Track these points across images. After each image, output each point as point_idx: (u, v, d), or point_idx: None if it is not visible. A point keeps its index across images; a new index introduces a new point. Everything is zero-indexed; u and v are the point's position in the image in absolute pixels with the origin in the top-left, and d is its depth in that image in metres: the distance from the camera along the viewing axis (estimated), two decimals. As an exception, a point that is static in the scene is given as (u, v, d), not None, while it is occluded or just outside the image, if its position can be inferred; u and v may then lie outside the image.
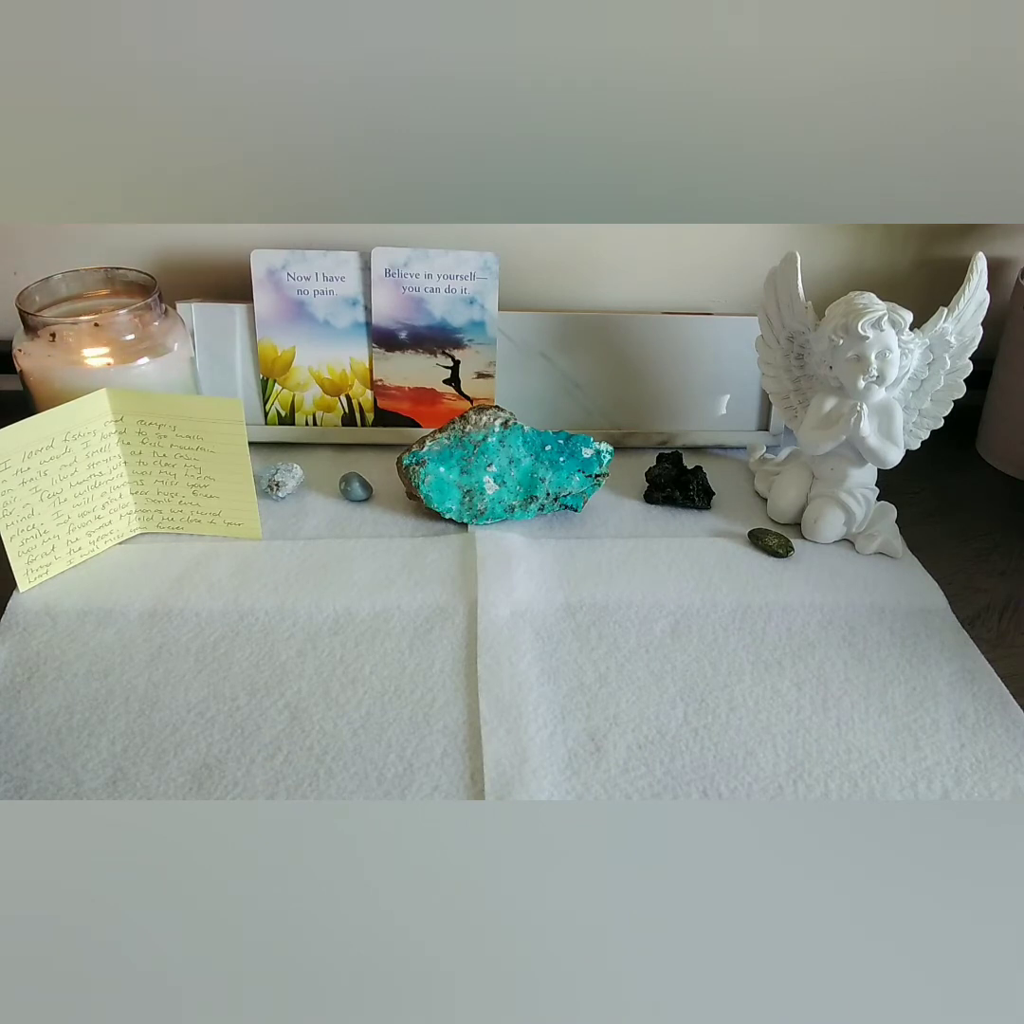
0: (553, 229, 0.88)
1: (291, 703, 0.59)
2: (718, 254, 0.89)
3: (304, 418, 0.84)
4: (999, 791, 0.54)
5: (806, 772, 0.55)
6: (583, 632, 0.65)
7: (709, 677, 0.61)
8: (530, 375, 0.84)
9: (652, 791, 0.54)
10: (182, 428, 0.68)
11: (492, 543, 0.72)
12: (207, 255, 0.88)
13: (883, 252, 0.90)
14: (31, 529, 0.65)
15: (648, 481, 0.79)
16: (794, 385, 0.76)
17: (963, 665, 0.63)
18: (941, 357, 0.70)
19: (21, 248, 0.88)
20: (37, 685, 0.59)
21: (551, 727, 0.57)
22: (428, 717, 0.58)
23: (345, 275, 0.80)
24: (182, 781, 0.54)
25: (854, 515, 0.73)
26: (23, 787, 0.53)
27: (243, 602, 0.66)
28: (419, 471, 0.72)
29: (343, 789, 0.53)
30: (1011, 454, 0.85)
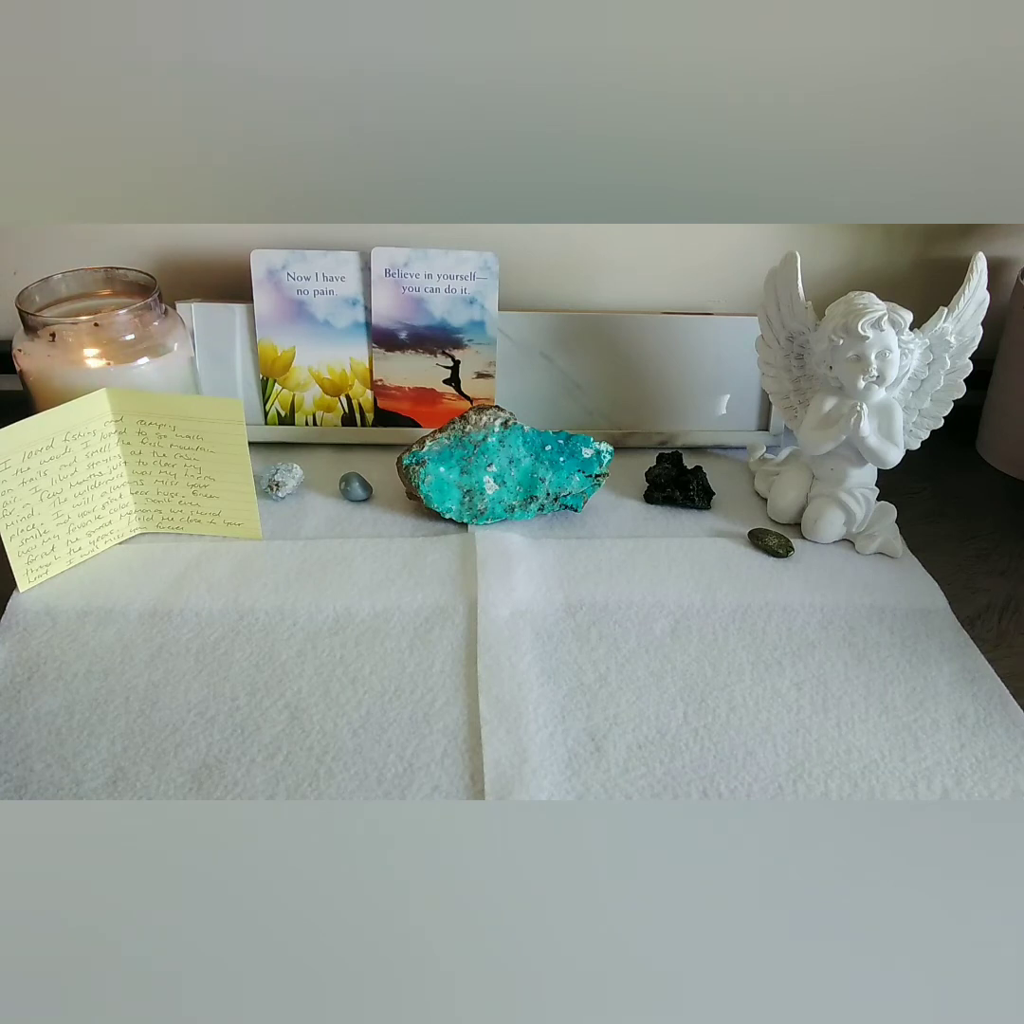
0: (553, 229, 0.88)
1: (291, 703, 0.59)
2: (718, 254, 0.89)
3: (304, 418, 0.84)
4: (999, 791, 0.54)
5: (806, 772, 0.55)
6: (583, 632, 0.65)
7: (709, 677, 0.61)
8: (530, 375, 0.84)
9: (652, 791, 0.54)
10: (182, 428, 0.68)
11: (492, 543, 0.72)
12: (207, 255, 0.88)
13: (883, 252, 0.90)
14: (31, 529, 0.65)
15: (648, 481, 0.79)
16: (794, 385, 0.76)
17: (963, 665, 0.63)
18: (941, 357, 0.70)
19: (21, 248, 0.88)
20: (37, 685, 0.59)
21: (551, 727, 0.57)
22: (428, 717, 0.58)
23: (345, 275, 0.80)
24: (182, 781, 0.54)
25: (854, 515, 0.73)
26: (23, 787, 0.53)
27: (243, 602, 0.66)
28: (419, 471, 0.72)
29: (343, 789, 0.53)
30: (1011, 454, 0.85)
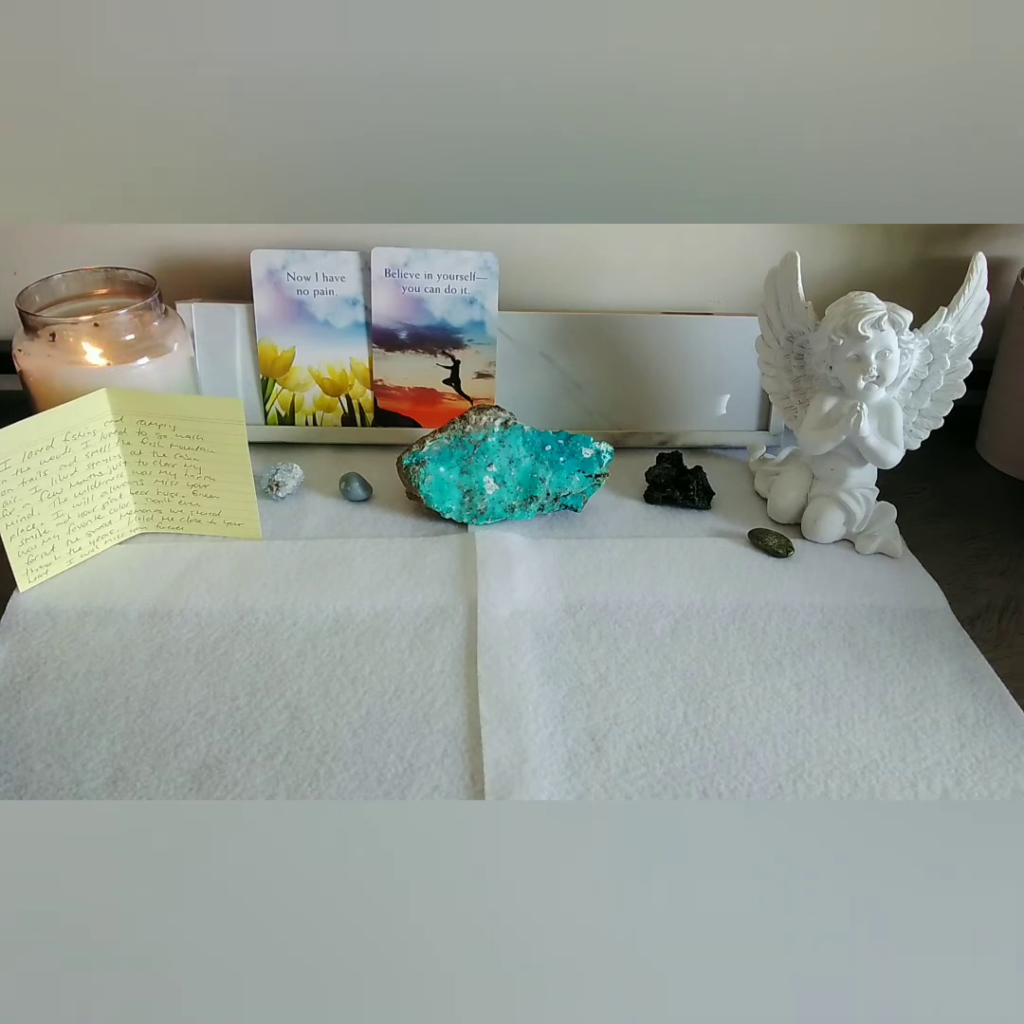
0: (553, 229, 0.88)
1: (291, 703, 0.59)
2: (718, 254, 0.89)
3: (304, 418, 0.84)
4: (999, 791, 0.54)
5: (806, 772, 0.55)
6: (583, 632, 0.65)
7: (709, 677, 0.61)
8: (530, 375, 0.84)
9: (652, 791, 0.54)
10: (182, 428, 0.68)
11: (492, 543, 0.72)
12: (207, 255, 0.88)
13: (883, 252, 0.90)
14: (31, 529, 0.65)
15: (648, 481, 0.79)
16: (794, 385, 0.76)
17: (963, 665, 0.63)
18: (941, 357, 0.70)
19: (21, 248, 0.88)
20: (37, 685, 0.59)
21: (551, 727, 0.57)
22: (428, 717, 0.58)
23: (345, 275, 0.80)
24: (182, 781, 0.54)
25: (854, 515, 0.73)
26: (23, 787, 0.53)
27: (243, 602, 0.66)
28: (419, 471, 0.72)
29: (343, 789, 0.53)
30: (1011, 454, 0.85)
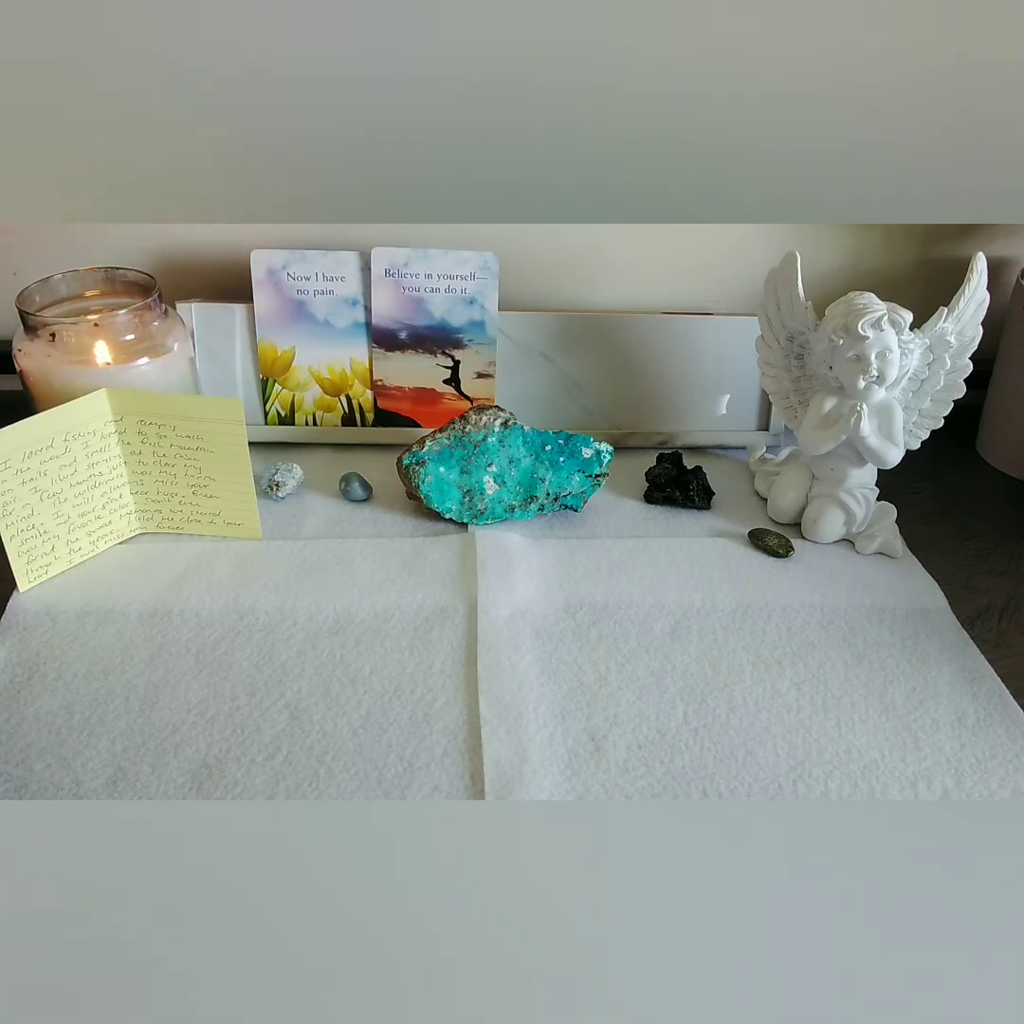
0: (553, 229, 0.88)
1: (291, 703, 0.59)
2: (718, 254, 0.89)
3: (304, 418, 0.84)
4: (999, 791, 0.54)
5: (806, 772, 0.55)
6: (583, 632, 0.65)
7: (709, 677, 0.61)
8: (530, 375, 0.84)
9: (652, 791, 0.54)
10: (182, 428, 0.68)
11: (492, 543, 0.72)
12: (207, 255, 0.88)
13: (883, 252, 0.90)
14: (31, 529, 0.65)
15: (648, 481, 0.79)
16: (794, 385, 0.76)
17: (963, 665, 0.63)
18: (941, 357, 0.70)
19: (21, 248, 0.88)
20: (37, 685, 0.59)
21: (551, 727, 0.57)
22: (428, 717, 0.58)
23: (345, 275, 0.80)
24: (182, 781, 0.54)
25: (854, 515, 0.73)
26: (23, 787, 0.53)
27: (243, 602, 0.66)
28: (419, 471, 0.72)
29: (343, 789, 0.53)
30: (1011, 454, 0.85)
